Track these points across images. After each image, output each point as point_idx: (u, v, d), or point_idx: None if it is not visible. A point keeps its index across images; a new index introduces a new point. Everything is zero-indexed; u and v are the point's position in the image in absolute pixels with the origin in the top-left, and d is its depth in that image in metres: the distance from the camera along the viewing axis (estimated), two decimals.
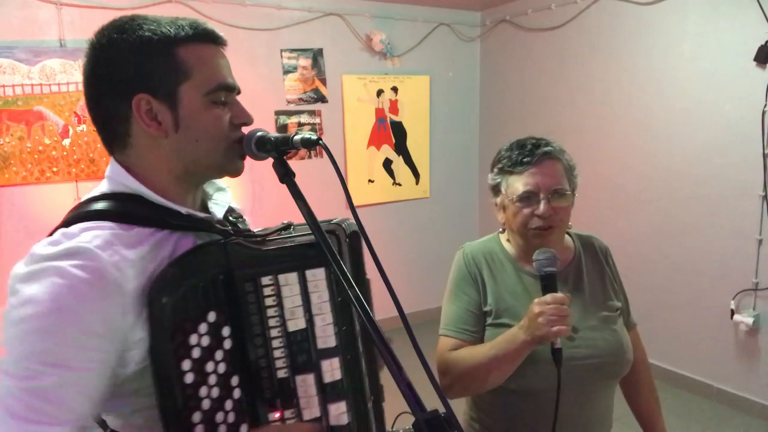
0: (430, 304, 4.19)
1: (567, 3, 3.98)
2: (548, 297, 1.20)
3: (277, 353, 0.81)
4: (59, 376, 0.70)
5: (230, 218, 0.97)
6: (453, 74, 4.73)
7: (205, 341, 0.76)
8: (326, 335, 0.82)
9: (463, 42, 4.74)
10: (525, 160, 1.31)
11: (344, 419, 0.83)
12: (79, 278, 0.71)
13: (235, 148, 0.89)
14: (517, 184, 1.31)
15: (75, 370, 0.72)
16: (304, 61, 4.05)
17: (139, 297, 0.76)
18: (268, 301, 0.80)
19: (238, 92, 0.93)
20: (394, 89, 4.44)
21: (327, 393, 0.82)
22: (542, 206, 1.28)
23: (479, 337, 1.34)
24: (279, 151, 0.89)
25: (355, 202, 0.87)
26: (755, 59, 2.97)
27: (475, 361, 1.26)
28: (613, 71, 3.75)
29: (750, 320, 3.11)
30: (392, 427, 1.17)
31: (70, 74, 3.24)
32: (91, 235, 0.76)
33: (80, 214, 0.81)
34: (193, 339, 0.75)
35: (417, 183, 4.69)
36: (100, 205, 0.82)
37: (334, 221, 0.91)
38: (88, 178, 3.28)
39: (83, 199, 0.87)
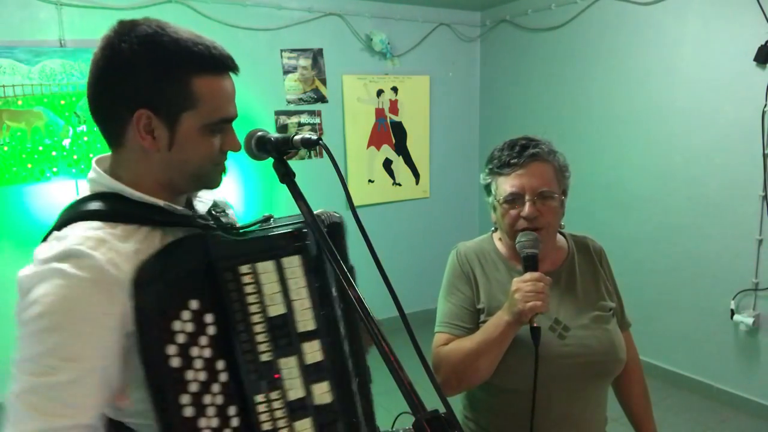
0: (430, 304, 4.18)
1: (567, 3, 3.98)
2: (526, 275, 1.23)
3: (259, 338, 0.85)
4: (75, 370, 0.75)
5: (213, 212, 1.01)
6: (453, 74, 4.73)
7: (189, 327, 0.80)
8: (305, 319, 0.86)
9: (463, 42, 4.74)
10: (512, 161, 1.33)
11: (327, 398, 0.87)
12: (80, 277, 0.76)
13: (219, 169, 0.95)
14: (505, 185, 1.33)
15: (89, 363, 0.76)
16: (304, 61, 4.05)
17: None
18: (248, 289, 0.84)
19: (235, 118, 0.95)
20: (394, 89, 4.44)
21: (310, 374, 0.86)
22: (527, 208, 1.30)
23: (473, 333, 1.35)
24: (279, 151, 0.90)
25: (355, 202, 0.88)
26: (755, 59, 2.97)
27: (465, 349, 1.28)
28: (613, 71, 3.75)
29: (750, 320, 3.11)
30: (392, 427, 1.17)
31: (70, 74, 3.24)
32: (82, 237, 0.79)
33: (70, 217, 0.85)
34: (177, 325, 0.78)
35: (417, 183, 4.69)
36: (86, 206, 0.86)
37: (314, 213, 0.94)
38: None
39: (69, 203, 0.90)
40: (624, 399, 1.51)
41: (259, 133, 0.93)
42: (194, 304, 0.81)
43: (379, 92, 4.39)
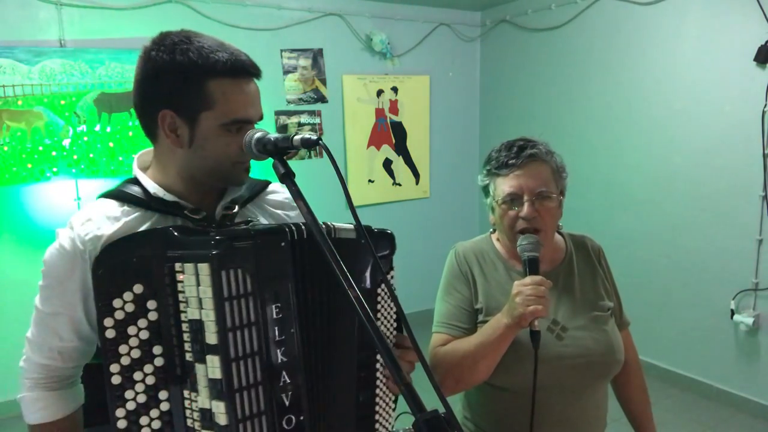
0: (430, 304, 4.17)
1: (567, 3, 3.98)
2: (527, 279, 1.22)
3: (185, 336, 0.87)
4: (49, 309, 0.99)
5: (226, 210, 1.07)
6: (453, 74, 4.73)
7: (129, 308, 0.86)
8: (210, 331, 0.84)
9: (463, 42, 4.74)
10: (510, 162, 1.32)
11: (223, 420, 0.85)
12: (61, 245, 0.97)
13: (239, 167, 1.01)
14: (503, 186, 1.33)
15: (57, 308, 0.98)
16: (304, 61, 4.05)
17: None
18: (179, 287, 0.87)
19: (259, 120, 1.02)
20: (394, 89, 4.45)
21: (210, 388, 0.85)
22: (526, 208, 1.30)
23: (471, 334, 1.35)
24: (279, 151, 0.90)
25: (355, 202, 0.88)
26: (755, 59, 2.97)
27: (462, 351, 1.28)
28: (613, 71, 3.76)
29: (750, 320, 3.11)
30: (392, 427, 1.17)
31: (70, 74, 3.24)
32: (86, 212, 1.00)
33: (102, 193, 1.05)
34: (117, 303, 0.86)
35: (417, 183, 4.69)
36: (116, 188, 1.05)
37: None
38: (88, 178, 3.29)
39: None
40: (623, 398, 1.51)
41: (259, 134, 0.93)
42: (138, 288, 0.87)
43: (379, 92, 4.39)
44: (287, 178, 0.89)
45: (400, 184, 4.61)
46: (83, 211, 1.00)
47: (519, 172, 1.32)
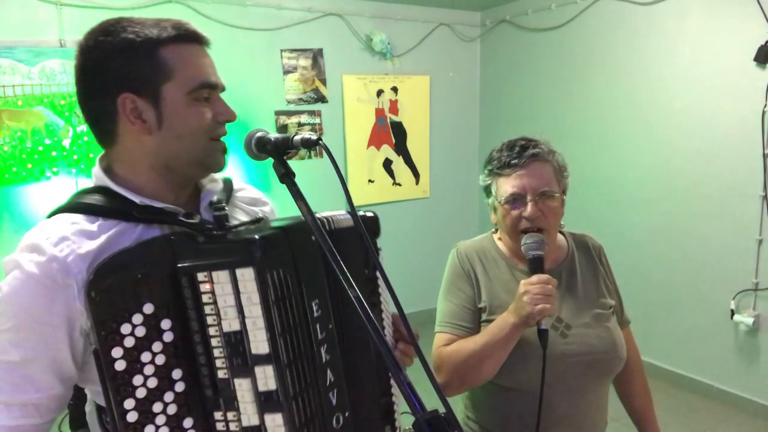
0: (430, 303, 4.17)
1: (567, 3, 3.98)
2: (534, 278, 1.22)
3: (216, 352, 0.80)
4: (21, 355, 0.80)
5: (215, 208, 0.97)
6: (453, 74, 4.72)
7: (140, 332, 0.77)
8: (257, 340, 0.78)
9: (463, 42, 4.74)
10: (513, 162, 1.32)
11: None
12: (29, 274, 0.80)
13: (217, 144, 0.93)
14: (506, 186, 1.33)
15: (33, 352, 0.81)
16: (304, 61, 4.05)
17: None
18: (205, 298, 0.79)
19: (222, 89, 0.94)
20: (394, 89, 4.44)
21: (262, 402, 0.79)
22: (529, 208, 1.30)
23: (474, 333, 1.35)
24: (279, 151, 0.90)
25: (355, 202, 0.87)
26: (755, 59, 2.97)
27: (468, 351, 1.27)
28: (613, 71, 3.75)
29: (750, 320, 3.11)
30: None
31: (70, 74, 3.23)
32: (52, 230, 0.83)
33: (61, 207, 0.89)
34: (125, 328, 0.76)
35: (417, 183, 4.69)
36: (79, 199, 0.89)
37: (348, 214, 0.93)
38: (88, 178, 3.28)
39: (73, 193, 0.93)
40: (625, 396, 1.51)
41: (259, 133, 0.92)
42: (148, 308, 0.78)
43: (379, 92, 4.39)
44: (287, 178, 0.89)
45: (400, 184, 4.61)
46: (43, 232, 0.82)
47: (522, 172, 1.31)
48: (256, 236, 0.79)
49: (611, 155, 3.83)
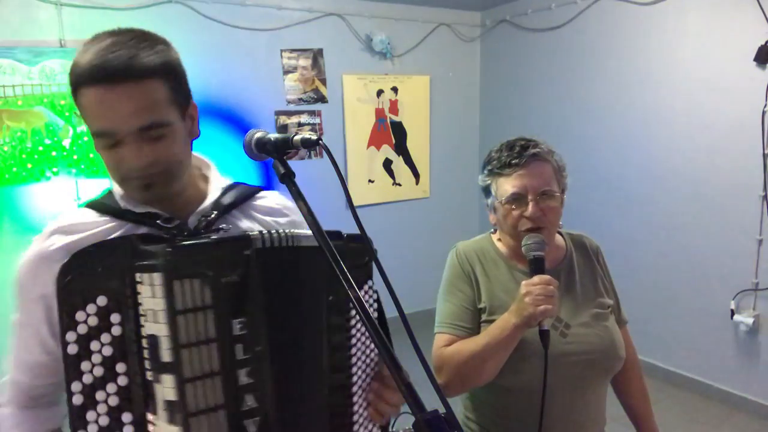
0: (430, 304, 4.17)
1: (567, 3, 3.98)
2: (535, 278, 1.22)
3: (145, 353, 0.80)
4: (18, 318, 0.95)
5: (206, 218, 0.98)
6: (453, 74, 4.73)
7: (92, 321, 0.80)
8: (164, 348, 0.78)
9: (463, 42, 4.74)
10: (513, 162, 1.32)
11: None
12: (28, 255, 0.94)
13: (132, 183, 0.91)
14: (506, 185, 1.33)
15: (23, 317, 0.95)
16: (304, 61, 4.05)
17: None
18: (139, 298, 0.81)
19: (135, 128, 0.86)
20: (394, 89, 4.45)
21: (167, 410, 0.79)
22: (530, 208, 1.30)
23: (474, 333, 1.35)
24: (279, 151, 0.90)
25: (355, 202, 0.88)
26: (755, 59, 2.97)
27: (469, 351, 1.27)
28: (613, 71, 3.75)
29: (750, 320, 3.11)
30: (392, 427, 1.17)
31: None
32: (62, 219, 0.96)
33: (84, 202, 1.01)
34: (80, 315, 0.80)
35: (417, 183, 4.69)
36: (95, 197, 1.01)
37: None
38: (88, 177, 3.28)
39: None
40: (623, 395, 1.52)
41: (259, 134, 0.92)
42: (102, 300, 0.80)
43: (379, 92, 4.39)
44: (287, 178, 0.89)
45: (400, 184, 4.61)
46: (58, 219, 0.96)
47: (522, 172, 1.32)
48: (173, 244, 0.81)
49: (610, 155, 3.83)
